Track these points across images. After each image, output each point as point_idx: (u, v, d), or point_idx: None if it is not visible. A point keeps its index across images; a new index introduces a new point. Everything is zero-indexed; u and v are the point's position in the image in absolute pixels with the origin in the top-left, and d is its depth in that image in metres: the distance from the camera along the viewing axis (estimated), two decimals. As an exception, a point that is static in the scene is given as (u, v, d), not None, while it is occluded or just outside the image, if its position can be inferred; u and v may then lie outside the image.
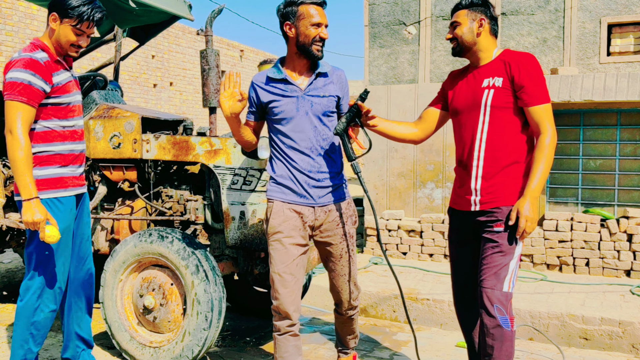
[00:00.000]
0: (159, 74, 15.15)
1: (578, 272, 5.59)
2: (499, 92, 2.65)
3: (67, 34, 2.80)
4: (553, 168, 6.23)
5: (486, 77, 2.71)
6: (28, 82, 2.69)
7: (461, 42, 2.76)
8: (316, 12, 2.66)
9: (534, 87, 2.60)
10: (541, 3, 6.35)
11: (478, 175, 2.70)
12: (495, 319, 2.58)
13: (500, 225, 2.63)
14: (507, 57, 2.69)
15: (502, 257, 2.62)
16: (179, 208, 3.76)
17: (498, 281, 2.59)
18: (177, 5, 4.55)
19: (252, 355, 3.79)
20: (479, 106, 2.69)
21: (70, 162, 2.92)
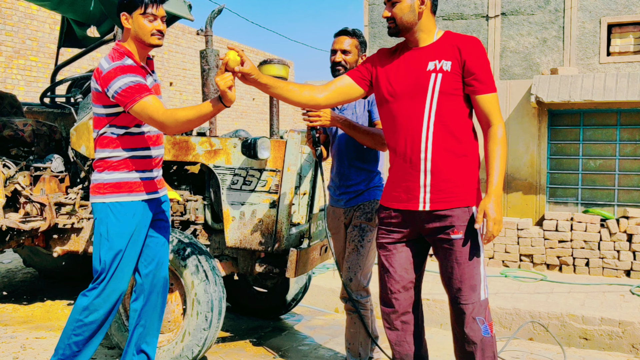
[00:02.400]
0: (159, 74, 15.16)
1: (578, 272, 5.59)
2: (448, 77, 2.39)
3: (142, 25, 2.72)
4: (553, 168, 6.23)
5: (431, 60, 2.43)
6: (137, 81, 2.63)
7: (400, 22, 2.45)
8: (334, 42, 3.14)
9: (486, 75, 2.39)
10: (541, 3, 6.35)
11: (427, 169, 2.41)
12: (480, 331, 2.43)
13: (457, 232, 2.40)
14: (454, 40, 2.44)
15: (470, 268, 2.42)
16: (179, 208, 3.76)
17: (475, 293, 2.43)
18: (177, 5, 4.55)
19: (252, 355, 3.79)
20: (425, 91, 2.41)
21: (140, 167, 2.83)
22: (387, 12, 2.47)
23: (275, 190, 3.42)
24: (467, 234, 2.40)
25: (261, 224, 3.44)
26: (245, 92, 19.00)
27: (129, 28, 2.75)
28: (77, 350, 2.81)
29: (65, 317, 4.47)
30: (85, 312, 2.77)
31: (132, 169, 2.82)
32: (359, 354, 3.18)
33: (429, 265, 5.98)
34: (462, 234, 2.39)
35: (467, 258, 2.41)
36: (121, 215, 2.78)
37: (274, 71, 3.47)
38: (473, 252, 2.41)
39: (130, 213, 2.81)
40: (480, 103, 2.40)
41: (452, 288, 2.47)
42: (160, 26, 2.75)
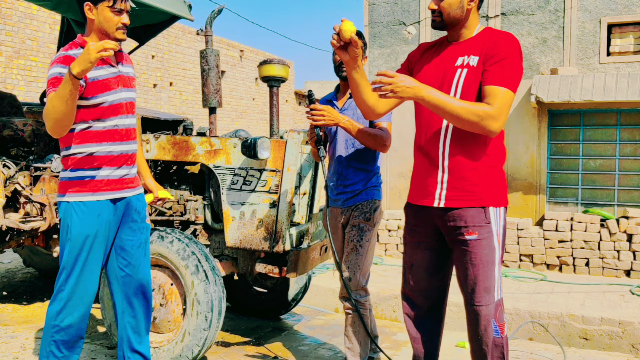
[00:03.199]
0: (159, 74, 15.16)
1: (578, 272, 5.59)
2: (472, 73, 2.32)
3: (109, 18, 2.67)
4: (553, 168, 6.23)
5: (461, 55, 2.38)
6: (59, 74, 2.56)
7: (447, 16, 2.39)
8: None
9: (500, 68, 2.27)
10: (541, 3, 6.35)
11: (445, 166, 2.38)
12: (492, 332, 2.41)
13: (472, 233, 2.35)
14: (488, 36, 2.37)
15: (485, 269, 2.37)
16: (179, 208, 3.76)
17: (489, 295, 2.39)
18: (177, 5, 4.55)
19: (252, 355, 3.79)
20: (450, 86, 2.36)
21: (106, 163, 2.73)
22: (434, 4, 2.40)
23: (275, 190, 3.42)
24: (482, 235, 2.35)
25: (261, 224, 3.44)
26: (245, 92, 19.00)
27: (92, 19, 2.68)
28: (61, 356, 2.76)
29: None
30: (60, 317, 2.71)
31: (97, 166, 2.70)
32: (359, 354, 3.18)
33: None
34: (476, 234, 2.35)
35: (482, 259, 2.36)
36: (84, 216, 2.68)
37: (274, 71, 3.47)
38: (488, 253, 2.36)
39: (95, 213, 2.70)
40: (485, 92, 2.28)
41: (467, 289, 2.42)
42: (126, 20, 2.70)
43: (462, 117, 2.23)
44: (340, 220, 3.21)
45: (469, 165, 2.35)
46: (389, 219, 6.34)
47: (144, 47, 8.97)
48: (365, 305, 3.15)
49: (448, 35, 2.47)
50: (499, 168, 2.42)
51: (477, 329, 2.43)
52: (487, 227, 2.35)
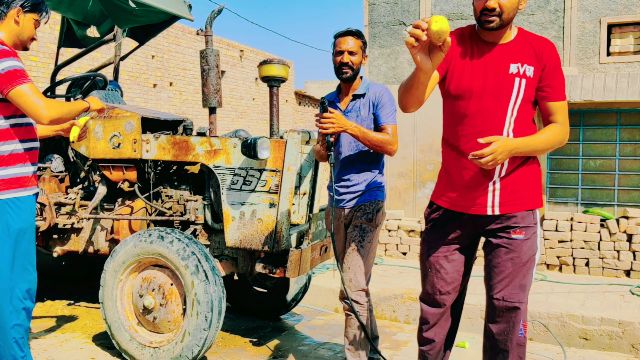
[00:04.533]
0: (159, 74, 15.16)
1: (578, 272, 5.59)
2: (530, 84, 2.30)
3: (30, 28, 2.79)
4: (553, 168, 6.23)
5: (513, 62, 2.29)
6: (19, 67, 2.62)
7: (506, 17, 2.23)
8: (339, 42, 3.10)
9: (560, 82, 2.32)
10: (541, 3, 6.35)
11: (501, 174, 2.35)
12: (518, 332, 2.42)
13: (520, 233, 2.37)
14: (531, 41, 2.32)
15: (525, 268, 2.38)
16: (179, 208, 3.76)
17: (524, 293, 2.39)
18: (177, 5, 4.55)
19: (252, 355, 3.79)
20: (509, 95, 2.30)
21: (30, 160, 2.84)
22: (493, 3, 2.20)
23: (275, 190, 3.42)
24: (528, 235, 2.38)
25: (261, 224, 3.44)
26: (245, 92, 19.00)
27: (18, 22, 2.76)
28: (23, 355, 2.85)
29: (65, 317, 4.47)
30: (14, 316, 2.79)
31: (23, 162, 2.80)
32: (359, 355, 3.18)
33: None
34: (523, 234, 2.38)
35: (524, 258, 2.38)
36: (21, 211, 2.78)
37: (274, 71, 3.47)
38: (530, 253, 2.39)
39: (28, 207, 2.82)
40: (551, 109, 2.34)
41: (500, 285, 2.40)
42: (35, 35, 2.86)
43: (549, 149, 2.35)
44: (342, 220, 3.21)
45: (521, 172, 2.37)
46: (389, 219, 6.35)
47: (143, 47, 8.97)
48: (365, 306, 3.14)
49: (484, 34, 2.33)
50: (540, 170, 2.49)
51: (506, 326, 2.41)
52: (533, 228, 2.40)
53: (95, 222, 4.02)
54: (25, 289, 2.86)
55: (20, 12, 2.75)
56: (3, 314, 2.81)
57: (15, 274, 2.81)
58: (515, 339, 2.42)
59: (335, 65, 3.13)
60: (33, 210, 2.87)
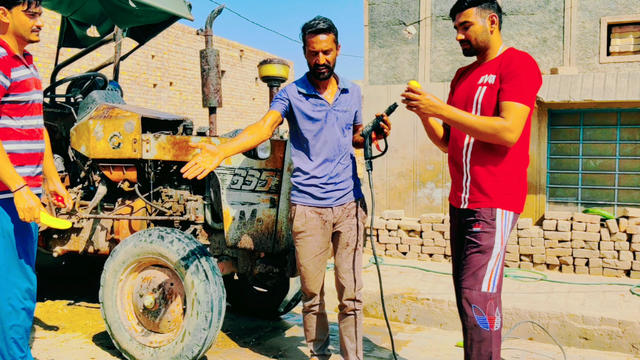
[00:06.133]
0: (159, 74, 15.15)
1: (578, 272, 5.59)
2: (490, 90, 2.57)
3: (24, 21, 2.77)
4: (553, 168, 6.23)
5: (483, 74, 2.63)
6: None
7: (475, 43, 2.64)
8: (312, 42, 2.92)
9: (514, 85, 2.50)
10: (541, 3, 6.35)
11: (467, 172, 2.66)
12: (473, 319, 2.56)
13: (478, 226, 2.60)
14: (506, 55, 2.60)
15: (480, 257, 2.57)
16: (179, 208, 3.76)
17: (476, 281, 2.56)
18: (177, 5, 4.55)
19: (252, 355, 3.79)
20: (472, 103, 2.63)
21: (26, 161, 2.84)
22: (460, 35, 2.64)
23: (275, 190, 3.42)
24: (485, 229, 2.58)
25: (261, 224, 3.44)
26: (245, 92, 19.00)
27: (7, 23, 2.77)
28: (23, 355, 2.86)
29: (65, 317, 4.47)
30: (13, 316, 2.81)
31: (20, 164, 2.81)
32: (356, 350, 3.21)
33: (429, 265, 5.97)
34: (480, 227, 2.59)
35: (479, 249, 2.57)
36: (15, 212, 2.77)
37: (274, 71, 3.47)
38: (486, 245, 2.57)
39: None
40: (501, 107, 2.52)
41: (460, 273, 2.65)
42: (40, 23, 2.81)
43: (480, 130, 2.51)
44: (330, 219, 3.06)
45: (486, 172, 2.61)
46: (389, 219, 6.35)
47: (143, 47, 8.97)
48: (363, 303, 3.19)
49: (477, 57, 2.73)
50: (517, 176, 2.63)
51: (460, 313, 2.63)
52: (491, 224, 2.58)
53: (95, 222, 4.02)
54: (25, 289, 2.87)
55: (3, 11, 2.76)
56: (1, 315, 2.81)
57: (13, 274, 2.82)
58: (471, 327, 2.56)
59: (310, 65, 2.97)
60: None
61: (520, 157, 2.63)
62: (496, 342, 2.56)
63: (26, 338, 2.89)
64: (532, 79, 2.52)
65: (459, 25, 2.65)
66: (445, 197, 6.49)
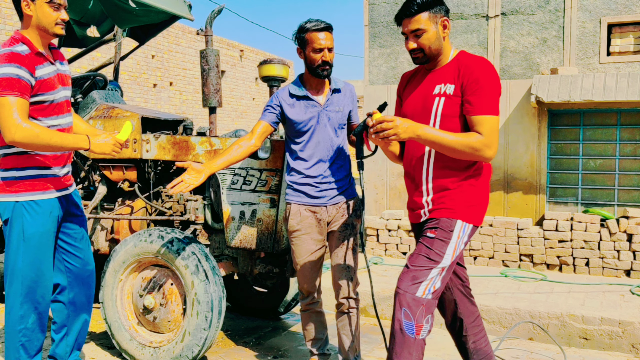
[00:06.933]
0: (159, 74, 15.16)
1: (578, 272, 5.59)
2: (450, 101, 2.44)
3: (47, 14, 2.67)
4: (553, 168, 6.23)
5: (438, 83, 2.49)
6: (15, 75, 2.56)
7: (429, 51, 2.47)
8: (318, 38, 2.91)
9: (479, 97, 2.38)
10: (541, 3, 6.35)
11: (429, 189, 2.53)
12: (400, 322, 2.41)
13: (434, 232, 2.48)
14: (462, 61, 2.47)
15: (425, 262, 2.45)
16: (179, 208, 3.76)
17: (413, 285, 2.42)
18: (177, 5, 4.55)
19: (252, 355, 3.79)
20: (429, 114, 2.48)
21: (52, 163, 2.78)
22: (412, 43, 2.46)
23: (275, 190, 3.42)
24: (439, 237, 2.46)
25: (261, 224, 3.44)
26: (245, 92, 19.00)
27: (30, 15, 2.69)
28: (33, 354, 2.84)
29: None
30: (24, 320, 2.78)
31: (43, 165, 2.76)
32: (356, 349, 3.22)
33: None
34: (435, 234, 2.47)
35: (430, 254, 2.45)
36: (37, 215, 2.73)
37: (274, 71, 3.47)
38: (435, 253, 2.45)
39: (47, 211, 2.77)
40: (472, 122, 2.40)
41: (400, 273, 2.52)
42: (64, 16, 2.71)
43: (458, 149, 2.36)
44: (324, 218, 3.08)
45: (449, 185, 2.49)
46: (389, 219, 6.34)
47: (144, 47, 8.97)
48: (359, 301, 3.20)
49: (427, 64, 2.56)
50: (480, 187, 2.53)
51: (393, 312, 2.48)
52: (447, 234, 2.46)
53: (95, 222, 4.02)
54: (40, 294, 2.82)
55: (27, 3, 2.68)
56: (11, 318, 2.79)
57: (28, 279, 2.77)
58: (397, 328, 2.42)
59: (313, 62, 2.93)
60: (53, 215, 2.80)
61: (485, 167, 2.55)
62: (417, 350, 2.43)
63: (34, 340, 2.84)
64: (495, 87, 2.40)
65: (409, 32, 2.46)
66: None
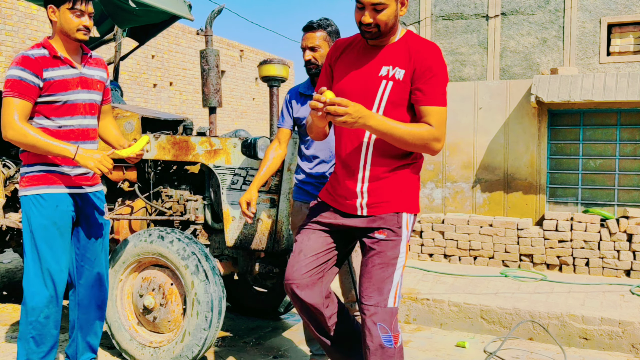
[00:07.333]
0: (159, 74, 15.16)
1: (578, 272, 5.59)
2: (398, 87, 2.27)
3: (69, 20, 2.77)
4: (553, 168, 6.23)
5: (385, 64, 2.29)
6: (18, 77, 2.70)
7: (385, 28, 2.25)
8: (302, 39, 3.04)
9: (431, 86, 2.25)
10: (541, 3, 6.35)
11: (365, 177, 2.36)
12: (378, 338, 2.31)
13: (383, 233, 2.35)
14: (412, 44, 2.29)
15: (384, 270, 2.33)
16: (179, 208, 3.76)
17: (382, 297, 2.32)
18: (177, 5, 4.55)
19: (252, 355, 3.79)
20: (373, 98, 2.29)
21: (61, 162, 2.84)
22: (369, 18, 2.22)
23: (275, 190, 3.42)
24: (390, 237, 2.35)
25: (261, 224, 3.44)
26: (245, 92, 19.00)
27: (55, 21, 2.80)
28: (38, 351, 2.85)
29: (65, 317, 4.47)
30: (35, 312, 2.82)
31: (52, 162, 2.83)
32: None
33: (429, 265, 5.96)
34: (385, 235, 2.35)
35: (384, 259, 2.34)
36: (42, 208, 2.80)
37: (274, 71, 3.47)
38: (392, 255, 2.34)
39: (53, 205, 2.82)
40: (422, 113, 2.26)
41: (361, 287, 2.38)
42: (86, 22, 2.80)
43: (409, 141, 2.23)
44: None
45: (387, 176, 2.35)
46: (389, 219, 6.35)
47: (144, 47, 8.97)
48: None
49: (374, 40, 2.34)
50: (416, 176, 2.44)
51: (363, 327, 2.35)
52: (397, 231, 2.36)
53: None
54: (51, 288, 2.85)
55: (52, 9, 2.79)
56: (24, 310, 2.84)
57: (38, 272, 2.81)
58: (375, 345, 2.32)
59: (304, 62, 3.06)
60: (59, 208, 2.84)
61: (420, 157, 2.45)
62: (399, 357, 2.37)
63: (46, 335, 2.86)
64: (446, 76, 2.30)
65: (369, 4, 2.20)
66: (445, 197, 6.49)
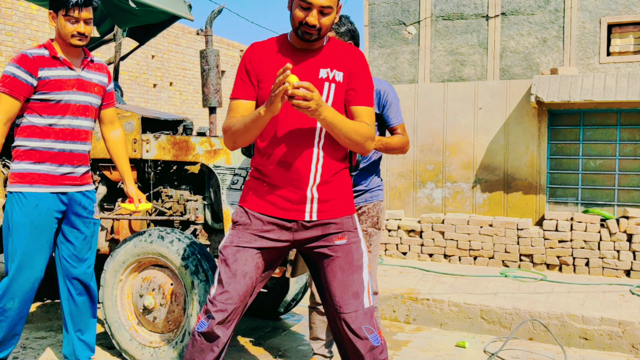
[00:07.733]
0: (159, 74, 15.16)
1: (578, 272, 5.59)
2: (340, 89, 2.31)
3: (63, 26, 2.85)
4: (553, 168, 6.23)
5: (322, 67, 2.30)
6: (12, 74, 2.77)
7: (324, 32, 2.27)
8: None
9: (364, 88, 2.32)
10: (541, 3, 6.35)
11: (316, 181, 2.30)
12: (367, 341, 2.32)
13: (343, 237, 2.34)
14: (341, 48, 2.36)
15: (354, 274, 2.34)
16: (179, 208, 3.76)
17: (359, 302, 2.33)
18: (177, 5, 4.55)
19: (252, 355, 3.79)
20: None
21: (47, 159, 2.89)
22: (315, 20, 2.19)
23: (275, 190, 3.42)
24: (351, 240, 2.36)
25: (261, 224, 3.44)
26: (245, 92, 18.97)
27: (55, 26, 2.90)
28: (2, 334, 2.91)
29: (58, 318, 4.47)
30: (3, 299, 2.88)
31: (38, 160, 2.88)
32: None
33: (429, 265, 5.97)
34: (346, 239, 2.35)
35: (352, 264, 2.35)
36: (22, 206, 2.85)
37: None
38: (357, 258, 2.36)
39: (32, 204, 2.86)
40: (355, 113, 2.31)
41: (334, 297, 2.35)
42: (81, 29, 2.86)
43: (352, 138, 2.24)
44: None
45: (337, 178, 2.35)
46: (389, 219, 6.35)
47: (144, 47, 8.97)
48: (378, 308, 3.20)
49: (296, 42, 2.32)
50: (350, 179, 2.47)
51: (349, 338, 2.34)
52: (355, 233, 2.38)
53: (95, 222, 4.02)
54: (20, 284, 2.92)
55: (52, 15, 2.89)
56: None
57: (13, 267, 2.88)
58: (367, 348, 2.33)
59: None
60: (39, 208, 2.88)
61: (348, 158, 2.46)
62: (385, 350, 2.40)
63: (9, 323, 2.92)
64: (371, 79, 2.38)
65: (318, 6, 2.18)
66: (445, 197, 6.49)
